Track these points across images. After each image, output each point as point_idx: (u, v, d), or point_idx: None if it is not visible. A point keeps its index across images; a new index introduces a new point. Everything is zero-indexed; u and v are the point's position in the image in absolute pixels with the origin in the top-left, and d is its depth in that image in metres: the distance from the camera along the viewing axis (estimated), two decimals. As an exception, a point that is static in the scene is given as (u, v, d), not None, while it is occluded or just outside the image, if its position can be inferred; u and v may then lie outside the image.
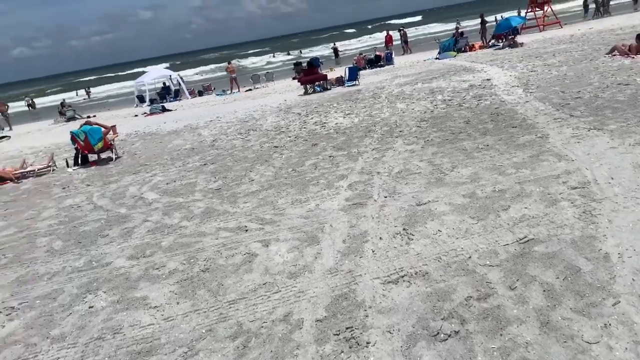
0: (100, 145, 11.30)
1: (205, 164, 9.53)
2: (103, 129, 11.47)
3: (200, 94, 29.91)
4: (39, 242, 6.41)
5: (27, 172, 11.20)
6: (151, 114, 21.98)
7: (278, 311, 3.78)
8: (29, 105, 45.67)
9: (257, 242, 5.21)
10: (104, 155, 11.72)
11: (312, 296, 3.90)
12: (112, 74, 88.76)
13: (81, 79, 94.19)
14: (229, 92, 27.63)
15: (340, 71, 23.83)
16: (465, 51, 24.90)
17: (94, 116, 23.53)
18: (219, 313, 3.90)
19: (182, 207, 6.90)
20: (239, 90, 27.54)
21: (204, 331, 3.68)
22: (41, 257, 5.87)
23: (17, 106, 44.62)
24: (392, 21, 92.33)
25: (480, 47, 25.58)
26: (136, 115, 22.64)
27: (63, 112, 27.46)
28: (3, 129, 26.22)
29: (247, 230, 5.59)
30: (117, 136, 12.80)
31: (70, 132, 11.55)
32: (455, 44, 25.51)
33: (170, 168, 9.68)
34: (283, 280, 4.26)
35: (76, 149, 11.56)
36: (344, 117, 12.22)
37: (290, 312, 3.74)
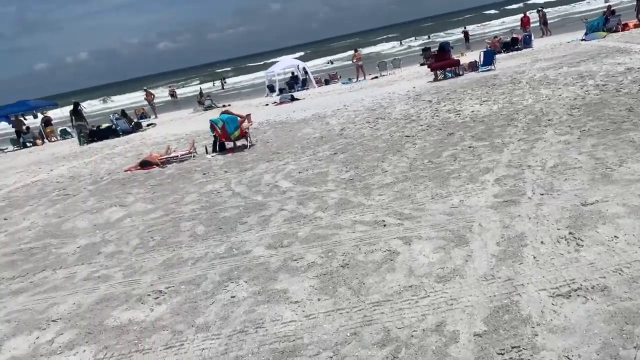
0: (236, 133, 11.69)
1: (335, 153, 9.40)
2: (239, 118, 11.85)
3: (327, 82, 30.19)
4: (183, 226, 6.67)
5: (171, 157, 11.94)
6: (281, 103, 22.57)
7: (429, 319, 3.43)
8: (171, 95, 49.72)
9: (397, 238, 4.89)
10: (239, 143, 12.13)
11: (467, 305, 3.50)
12: (245, 65, 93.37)
13: (217, 70, 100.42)
14: (355, 80, 27.52)
15: (472, 56, 22.57)
16: (617, 31, 22.39)
17: (229, 105, 24.70)
18: (362, 315, 3.65)
19: (315, 197, 6.79)
20: (364, 78, 27.32)
21: (348, 334, 3.44)
22: (185, 241, 6.08)
23: (161, 96, 48.81)
24: (536, 0, 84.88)
25: (636, 26, 22.75)
26: (267, 105, 23.37)
27: (202, 101, 29.23)
28: (150, 117, 28.64)
29: (385, 225, 5.30)
30: (251, 125, 13.19)
31: (210, 120, 12.09)
32: (605, 23, 23.01)
33: (301, 157, 9.70)
34: (431, 284, 3.89)
35: (214, 136, 12.09)
36: (481, 105, 11.43)
37: (443, 321, 3.37)
